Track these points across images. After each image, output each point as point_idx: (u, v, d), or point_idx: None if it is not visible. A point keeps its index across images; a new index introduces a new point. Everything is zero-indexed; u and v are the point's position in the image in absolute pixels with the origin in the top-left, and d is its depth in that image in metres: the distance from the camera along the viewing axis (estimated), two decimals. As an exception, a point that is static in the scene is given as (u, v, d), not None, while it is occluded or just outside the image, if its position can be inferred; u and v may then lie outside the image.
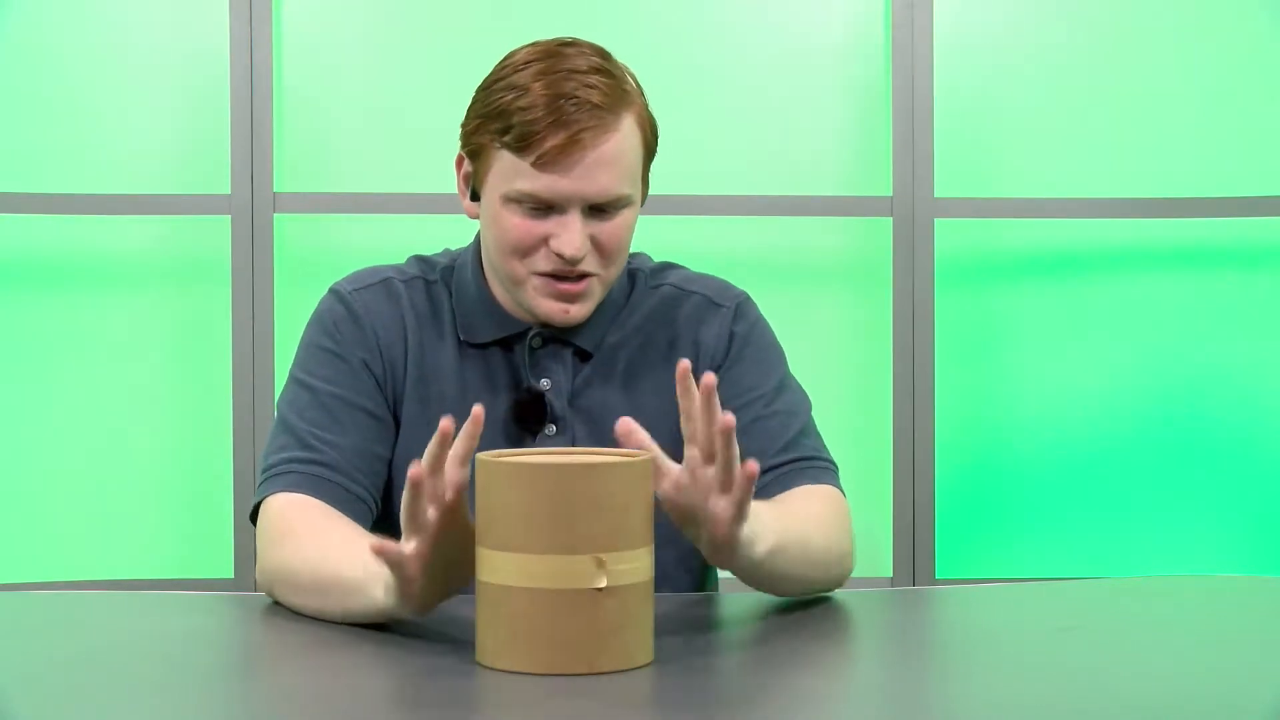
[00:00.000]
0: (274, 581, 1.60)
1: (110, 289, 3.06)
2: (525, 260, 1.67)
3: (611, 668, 1.32)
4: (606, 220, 1.67)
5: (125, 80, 3.04)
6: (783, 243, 3.11)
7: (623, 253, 1.70)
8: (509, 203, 1.66)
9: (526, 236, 1.66)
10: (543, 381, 1.74)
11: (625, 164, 1.65)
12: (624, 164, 1.65)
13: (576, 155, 1.62)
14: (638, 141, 1.67)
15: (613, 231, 1.67)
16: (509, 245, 1.67)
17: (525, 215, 1.65)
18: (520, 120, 1.63)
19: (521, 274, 1.68)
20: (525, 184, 1.64)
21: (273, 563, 1.60)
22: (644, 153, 1.70)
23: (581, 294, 1.68)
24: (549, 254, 1.66)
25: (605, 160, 1.63)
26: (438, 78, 3.07)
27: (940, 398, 3.10)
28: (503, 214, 1.66)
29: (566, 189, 1.63)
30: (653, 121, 1.71)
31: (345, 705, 1.22)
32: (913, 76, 3.05)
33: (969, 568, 3.14)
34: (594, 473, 1.30)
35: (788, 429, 1.74)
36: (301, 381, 1.73)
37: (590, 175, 1.63)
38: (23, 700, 1.24)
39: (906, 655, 1.41)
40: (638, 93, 1.69)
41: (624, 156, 1.65)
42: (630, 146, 1.66)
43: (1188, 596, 1.69)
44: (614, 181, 1.65)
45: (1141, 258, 3.15)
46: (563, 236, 1.64)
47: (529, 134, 1.62)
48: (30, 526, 3.05)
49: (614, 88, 1.65)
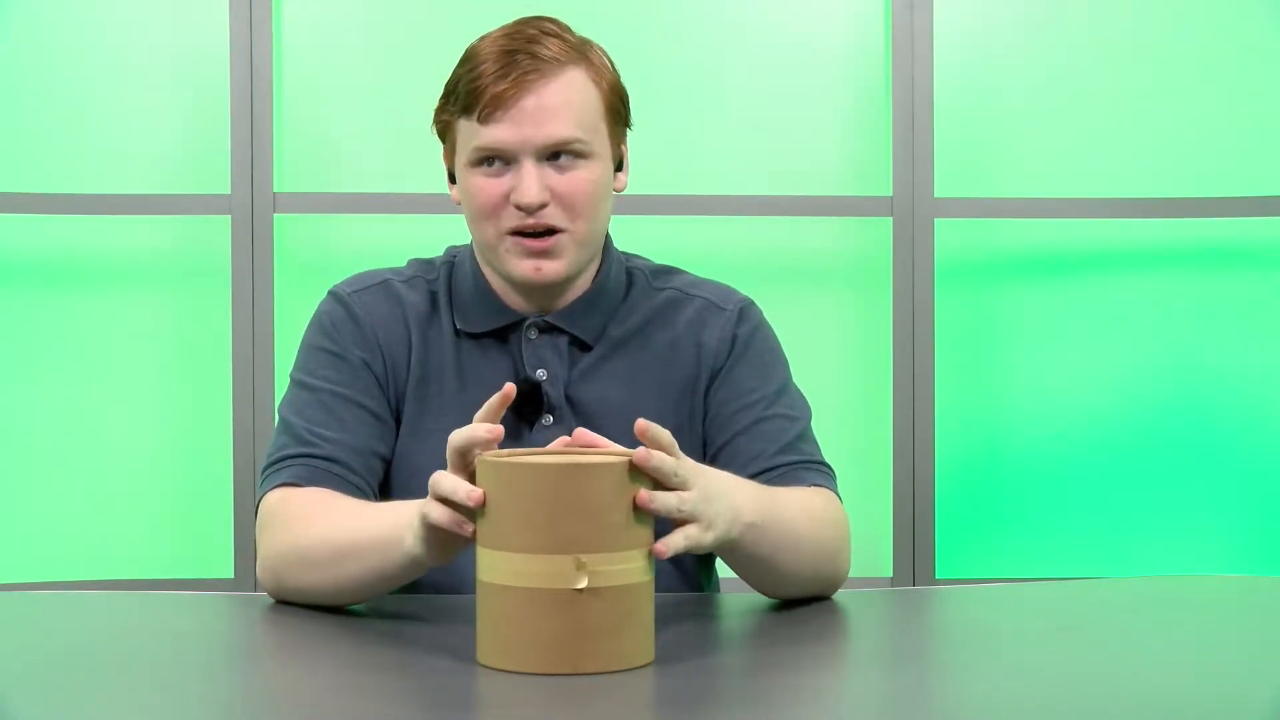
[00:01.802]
0: (282, 565, 1.60)
1: (110, 289, 3.06)
2: (494, 221, 1.69)
3: (597, 669, 1.32)
4: (565, 172, 1.68)
5: (125, 80, 3.04)
6: (783, 243, 3.11)
7: (590, 207, 1.70)
8: (470, 168, 1.69)
9: (490, 196, 1.68)
10: (539, 372, 1.74)
11: (573, 110, 1.67)
12: (571, 110, 1.67)
13: (518, 101, 1.66)
14: (591, 95, 1.69)
15: (572, 183, 1.68)
16: (477, 209, 1.70)
17: (486, 175, 1.69)
18: (466, 83, 1.68)
19: (494, 237, 1.70)
20: (477, 140, 1.67)
21: (280, 546, 1.60)
22: (605, 112, 1.71)
23: (550, 250, 1.69)
24: (513, 210, 1.68)
25: (549, 105, 1.66)
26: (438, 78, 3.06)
27: (940, 398, 3.10)
28: (469, 181, 1.70)
29: (511, 138, 1.66)
30: (619, 87, 1.73)
31: (345, 705, 1.22)
32: (913, 76, 3.05)
33: (969, 568, 3.14)
34: (574, 473, 1.30)
35: (786, 432, 1.74)
36: (301, 383, 1.74)
37: (533, 120, 1.66)
38: (22, 699, 1.24)
39: (906, 655, 1.41)
40: (600, 60, 1.72)
41: (570, 104, 1.67)
42: (580, 97, 1.68)
43: (1188, 596, 1.69)
44: (560, 126, 1.66)
45: (1141, 258, 3.15)
46: (519, 189, 1.67)
47: (473, 90, 1.67)
48: (30, 526, 3.05)
49: (562, 46, 1.68)
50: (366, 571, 1.53)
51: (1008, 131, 3.13)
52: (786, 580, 1.62)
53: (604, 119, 1.71)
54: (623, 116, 1.74)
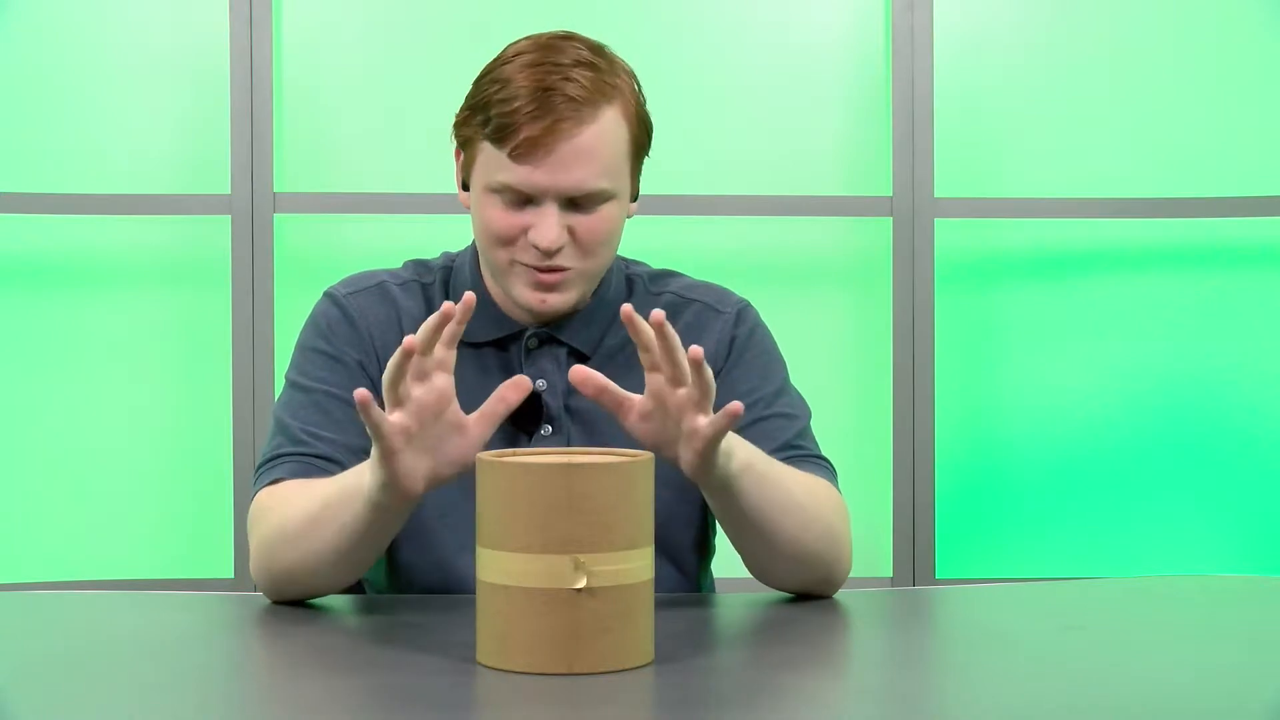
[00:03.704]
0: (268, 552, 1.61)
1: (110, 289, 3.06)
2: (507, 249, 1.69)
3: (597, 669, 1.32)
4: (585, 214, 1.67)
5: (125, 80, 3.05)
6: (783, 243, 3.11)
7: (604, 247, 1.69)
8: (490, 193, 1.67)
9: (507, 228, 1.67)
10: (539, 382, 1.74)
11: (603, 157, 1.65)
12: (602, 157, 1.65)
13: (551, 147, 1.63)
14: (621, 135, 1.67)
15: (591, 225, 1.67)
16: (491, 235, 1.68)
17: (505, 207, 1.67)
18: (499, 112, 1.64)
19: (504, 262, 1.69)
20: (503, 176, 1.65)
21: (265, 532, 1.62)
22: (631, 148, 1.69)
23: (559, 284, 1.69)
24: (528, 245, 1.67)
25: (581, 152, 1.64)
26: (438, 78, 3.07)
27: (940, 398, 3.10)
28: (485, 205, 1.68)
29: (541, 181, 1.64)
30: (645, 118, 1.71)
31: (345, 705, 1.22)
32: (913, 76, 3.05)
33: (969, 568, 3.14)
34: (573, 473, 1.30)
35: (786, 430, 1.75)
36: (296, 384, 1.74)
37: (565, 167, 1.64)
38: (21, 699, 1.24)
39: (906, 655, 1.41)
40: (630, 89, 1.69)
41: (602, 150, 1.65)
42: (611, 140, 1.66)
43: (1188, 596, 1.69)
44: (590, 175, 1.65)
45: (1141, 258, 3.15)
46: (539, 229, 1.65)
47: (506, 126, 1.63)
48: (30, 526, 3.05)
49: (596, 81, 1.65)
50: (339, 531, 1.54)
51: (1008, 131, 3.13)
52: (786, 547, 1.61)
53: (629, 158, 1.69)
54: (645, 148, 1.72)
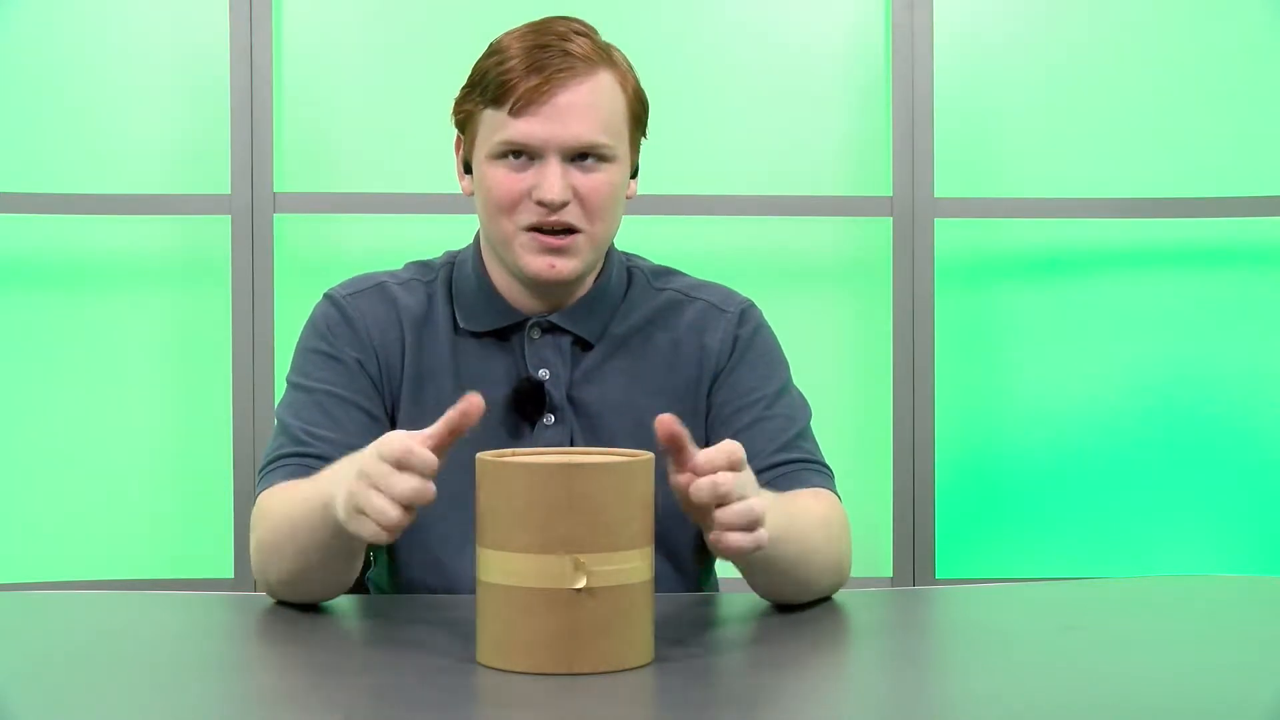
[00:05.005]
0: (261, 559, 1.61)
1: (111, 289, 3.06)
2: (512, 216, 1.69)
3: (597, 669, 1.31)
4: (588, 173, 1.69)
5: (125, 80, 3.05)
6: (783, 243, 3.11)
7: (608, 211, 1.71)
8: (493, 160, 1.69)
9: (511, 190, 1.68)
10: (541, 371, 1.74)
11: (601, 113, 1.68)
12: (600, 112, 1.68)
13: (550, 98, 1.66)
14: (619, 100, 1.70)
15: (594, 186, 1.69)
16: (495, 202, 1.69)
17: (509, 169, 1.68)
18: (496, 74, 1.67)
19: (510, 231, 1.70)
20: (504, 134, 1.67)
21: (257, 539, 1.62)
22: (629, 118, 1.72)
23: (566, 248, 1.70)
24: (533, 205, 1.68)
25: (579, 105, 1.66)
26: (438, 78, 3.07)
27: (940, 398, 3.10)
28: (489, 172, 1.69)
29: (540, 133, 1.66)
30: (642, 95, 1.74)
31: (344, 704, 1.22)
32: (913, 76, 3.05)
33: (969, 568, 3.14)
34: (573, 473, 1.30)
35: (786, 431, 1.75)
36: (297, 385, 1.74)
37: (563, 119, 1.66)
38: (21, 699, 1.24)
39: (906, 655, 1.41)
40: (626, 65, 1.73)
41: (600, 105, 1.68)
42: (608, 99, 1.69)
43: (1188, 597, 1.69)
44: (588, 129, 1.67)
45: (1141, 258, 3.15)
46: (543, 184, 1.67)
47: (504, 83, 1.66)
48: (30, 526, 3.05)
49: (592, 46, 1.69)
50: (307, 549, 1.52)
51: (1008, 131, 3.13)
52: (800, 592, 1.62)
53: (627, 124, 1.72)
54: (643, 123, 1.75)
